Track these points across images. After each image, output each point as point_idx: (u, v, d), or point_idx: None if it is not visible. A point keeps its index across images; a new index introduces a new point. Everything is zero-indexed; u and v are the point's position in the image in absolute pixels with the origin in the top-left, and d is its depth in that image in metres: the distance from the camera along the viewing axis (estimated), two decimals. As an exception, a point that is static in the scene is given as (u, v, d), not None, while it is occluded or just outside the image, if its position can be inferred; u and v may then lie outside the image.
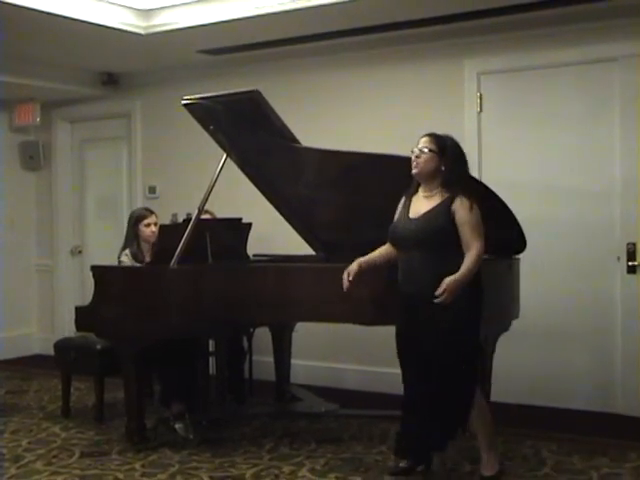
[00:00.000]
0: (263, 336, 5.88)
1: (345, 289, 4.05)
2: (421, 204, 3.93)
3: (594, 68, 5.51)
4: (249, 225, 5.57)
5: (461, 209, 3.78)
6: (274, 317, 4.95)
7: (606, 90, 5.47)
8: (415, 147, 3.93)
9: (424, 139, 3.93)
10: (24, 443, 4.99)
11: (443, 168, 3.87)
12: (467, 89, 5.92)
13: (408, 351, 3.98)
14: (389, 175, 4.63)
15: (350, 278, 4.03)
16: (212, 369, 5.49)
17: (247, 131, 4.82)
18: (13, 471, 4.46)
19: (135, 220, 5.49)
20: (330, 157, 4.78)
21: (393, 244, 4.04)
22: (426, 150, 3.88)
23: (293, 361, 5.96)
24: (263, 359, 5.99)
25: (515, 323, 4.78)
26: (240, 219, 5.56)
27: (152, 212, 5.57)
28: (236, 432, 5.12)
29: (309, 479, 4.28)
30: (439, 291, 3.69)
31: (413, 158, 3.91)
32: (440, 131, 4.04)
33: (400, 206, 4.07)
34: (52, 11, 5.38)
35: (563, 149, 5.62)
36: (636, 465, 4.40)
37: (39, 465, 4.56)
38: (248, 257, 5.61)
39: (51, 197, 8.23)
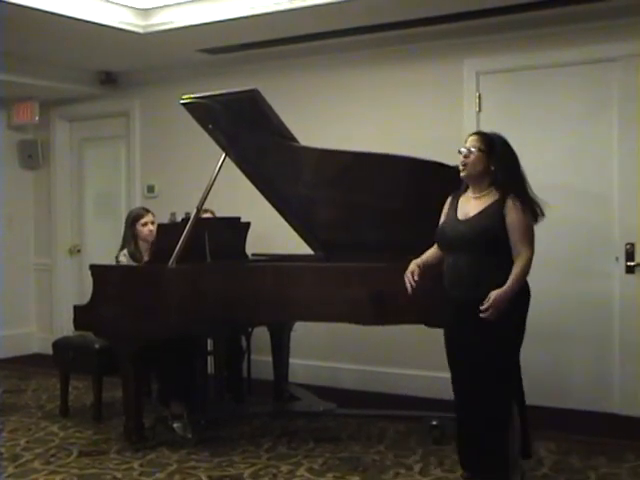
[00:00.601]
0: (261, 335, 5.88)
1: (410, 291, 3.88)
2: (470, 205, 3.76)
3: (593, 68, 5.51)
4: (248, 224, 5.57)
5: (512, 212, 3.63)
6: (273, 316, 4.95)
7: (605, 90, 5.47)
8: (463, 147, 3.78)
9: (472, 137, 3.78)
10: (22, 442, 4.99)
11: (493, 168, 3.72)
12: (466, 89, 5.92)
13: (456, 357, 3.82)
14: (388, 174, 4.64)
15: (415, 279, 3.87)
16: (210, 368, 5.49)
17: (246, 130, 4.82)
18: (11, 470, 4.45)
19: (132, 220, 5.50)
20: (329, 156, 4.78)
21: (441, 246, 3.87)
22: (474, 149, 3.73)
23: (291, 360, 5.96)
24: (261, 358, 5.99)
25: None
26: (239, 218, 5.56)
27: (149, 211, 5.58)
28: (234, 431, 5.12)
29: (307, 478, 4.28)
30: (485, 306, 3.55)
31: (461, 158, 3.75)
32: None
33: (446, 207, 3.90)
34: (51, 10, 5.38)
35: (562, 149, 5.62)
36: (634, 465, 4.40)
37: (37, 464, 4.55)
38: (247, 256, 5.60)
39: (50, 196, 8.23)
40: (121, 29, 5.87)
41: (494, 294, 3.54)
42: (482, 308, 3.55)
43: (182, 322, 4.72)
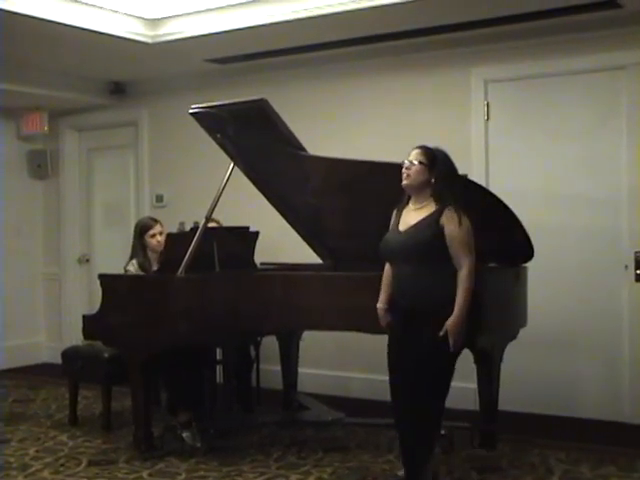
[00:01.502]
0: (270, 345, 5.88)
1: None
2: (410, 216, 3.88)
3: (601, 76, 5.51)
4: (256, 234, 5.57)
5: (449, 223, 3.72)
6: (281, 325, 4.95)
7: (613, 98, 5.47)
8: (406, 159, 3.90)
9: (415, 152, 3.90)
10: (31, 452, 4.99)
11: (433, 180, 3.83)
12: (474, 97, 5.92)
13: (394, 364, 3.96)
14: (396, 183, 4.63)
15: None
16: (219, 378, 5.50)
17: (254, 140, 4.83)
18: (21, 479, 4.46)
19: (140, 231, 5.49)
20: (338, 165, 4.79)
21: (384, 258, 4.00)
22: (416, 162, 3.84)
23: (300, 370, 5.95)
24: (270, 368, 5.98)
25: (523, 331, 4.77)
26: (247, 227, 5.57)
27: (157, 221, 5.57)
28: (243, 441, 5.12)
29: (316, 488, 4.28)
30: (450, 342, 3.65)
31: (403, 170, 3.88)
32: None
33: (392, 219, 4.03)
34: (60, 20, 5.41)
35: (570, 157, 5.61)
36: (645, 474, 4.39)
37: (46, 474, 4.56)
38: (255, 266, 5.61)
39: (59, 205, 8.25)
40: (130, 39, 5.90)
41: (448, 325, 3.66)
42: (451, 343, 3.66)
43: (191, 331, 4.72)
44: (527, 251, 4.60)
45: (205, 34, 5.80)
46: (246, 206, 6.05)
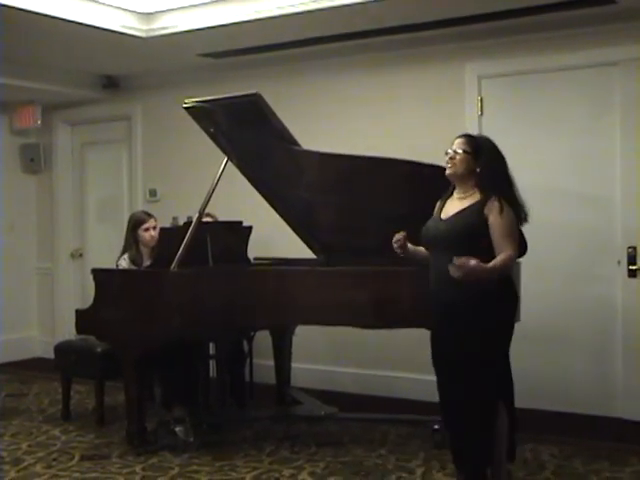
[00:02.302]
0: (263, 339, 5.88)
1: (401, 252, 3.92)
2: (454, 205, 3.81)
3: (595, 72, 5.51)
4: (250, 228, 5.58)
5: (494, 212, 3.64)
6: (274, 320, 4.94)
7: (607, 94, 5.47)
8: (449, 148, 3.82)
9: (458, 140, 3.82)
10: (24, 446, 4.99)
11: (478, 170, 3.75)
12: (468, 92, 5.92)
13: (438, 356, 3.83)
14: (389, 178, 4.64)
15: (399, 243, 3.89)
16: (212, 372, 5.49)
17: (248, 134, 4.82)
18: (13, 474, 4.45)
19: (134, 224, 5.49)
20: (330, 160, 4.78)
21: (424, 245, 3.90)
22: (460, 151, 3.76)
23: (293, 364, 5.96)
24: (263, 362, 5.98)
25: (516, 326, 4.77)
26: (241, 222, 5.57)
27: (151, 215, 5.56)
28: (236, 435, 5.12)
29: (309, 483, 4.28)
30: (457, 262, 3.46)
31: (447, 159, 3.80)
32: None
33: (436, 208, 3.94)
34: (53, 14, 5.38)
35: (564, 153, 5.62)
36: (637, 469, 4.40)
37: (39, 468, 4.56)
38: (249, 260, 5.61)
39: (52, 200, 8.24)
40: (123, 33, 5.88)
41: (473, 261, 3.46)
42: (454, 261, 3.48)
43: (184, 326, 4.72)
44: (521, 246, 4.60)
45: (199, 28, 5.78)
46: (239, 201, 6.05)
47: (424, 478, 4.29)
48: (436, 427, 4.77)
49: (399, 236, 3.90)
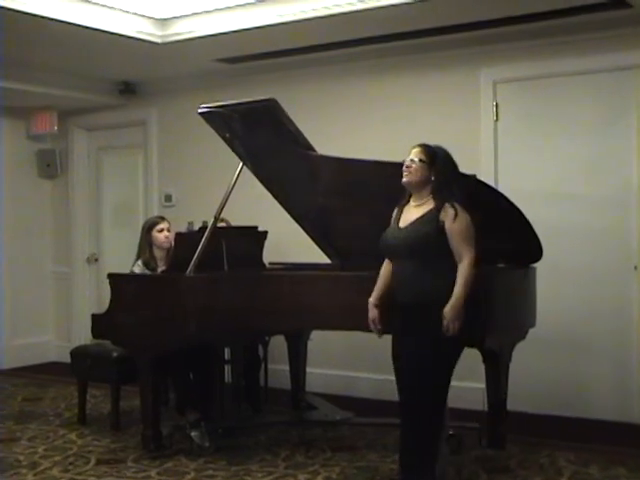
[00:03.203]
0: (278, 344, 5.88)
1: (380, 336, 4.11)
2: (411, 213, 3.91)
3: (611, 76, 5.49)
4: (265, 233, 5.59)
5: (449, 218, 3.74)
6: (289, 325, 4.94)
7: (623, 98, 5.45)
8: (407, 158, 3.92)
9: (415, 150, 3.93)
10: (40, 450, 5.01)
11: (433, 178, 3.86)
12: (483, 98, 5.91)
13: (397, 357, 3.97)
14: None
15: (377, 326, 4.06)
16: (228, 377, 5.49)
17: (263, 139, 4.83)
18: (30, 478, 4.47)
19: (148, 227, 5.53)
20: (346, 165, 4.78)
21: (384, 254, 4.03)
22: (416, 160, 3.87)
23: (308, 369, 5.95)
24: (278, 367, 5.99)
25: (532, 332, 4.76)
26: (256, 227, 5.58)
27: (164, 219, 5.61)
28: (251, 440, 5.13)
29: (325, 488, 4.28)
30: (444, 327, 3.65)
31: (404, 168, 3.91)
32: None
33: (393, 216, 4.05)
34: (69, 20, 5.42)
35: (580, 157, 5.60)
36: (654, 475, 4.37)
37: (55, 472, 4.57)
38: (264, 265, 5.62)
39: (68, 205, 8.27)
40: (139, 39, 5.91)
41: (445, 311, 3.65)
42: (443, 330, 3.65)
43: (199, 331, 4.72)
44: (536, 251, 4.59)
45: (214, 34, 5.81)
46: (255, 206, 6.06)
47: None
48: (451, 432, 4.74)
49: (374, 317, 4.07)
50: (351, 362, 6.45)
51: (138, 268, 5.42)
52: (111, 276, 5.04)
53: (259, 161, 5.05)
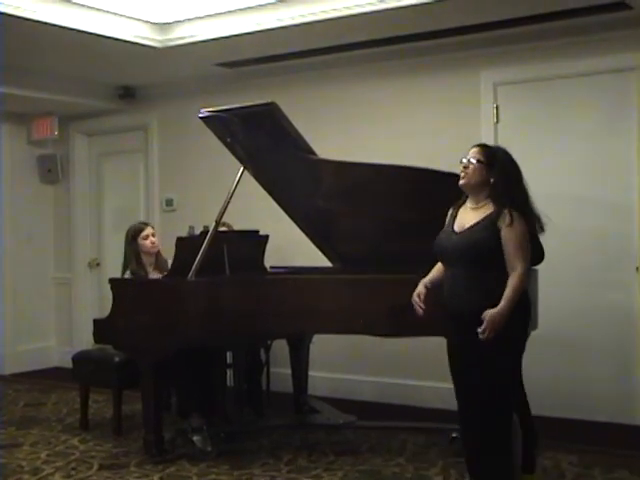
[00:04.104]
0: (281, 348, 5.88)
1: (420, 313, 3.84)
2: (467, 217, 3.74)
3: (611, 78, 5.49)
4: (266, 237, 5.59)
5: (507, 224, 3.56)
6: (291, 329, 4.94)
7: (624, 100, 5.45)
8: (464, 157, 3.77)
9: (473, 149, 3.77)
10: (43, 455, 5.01)
11: (492, 180, 3.70)
12: (484, 100, 5.91)
13: (457, 369, 3.77)
14: (404, 186, 4.63)
15: (422, 303, 3.84)
16: (230, 381, 5.50)
17: (264, 143, 4.83)
18: (32, 483, 4.48)
19: (132, 236, 5.47)
20: (346, 168, 4.78)
21: (438, 257, 3.85)
22: (474, 161, 3.69)
23: (311, 373, 5.95)
24: (281, 371, 5.99)
25: (533, 334, 4.75)
26: (257, 231, 5.58)
27: (147, 224, 5.61)
28: (254, 444, 5.12)
29: (327, 491, 4.28)
30: (482, 327, 3.48)
31: (461, 168, 3.75)
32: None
33: (448, 217, 3.89)
34: (69, 25, 5.42)
35: (581, 160, 5.60)
36: (657, 477, 4.37)
37: (58, 477, 4.57)
38: (265, 269, 5.62)
39: (69, 210, 8.28)
40: (139, 44, 5.91)
41: (489, 314, 3.49)
42: (479, 330, 3.49)
43: (201, 335, 4.73)
44: (537, 254, 4.58)
45: (214, 38, 5.81)
46: (256, 210, 6.06)
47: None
48: (454, 435, 4.75)
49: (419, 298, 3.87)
50: (354, 365, 6.45)
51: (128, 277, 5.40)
52: (112, 281, 5.05)
53: (260, 165, 5.05)
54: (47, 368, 8.15)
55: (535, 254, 4.02)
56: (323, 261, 5.58)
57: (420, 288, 3.88)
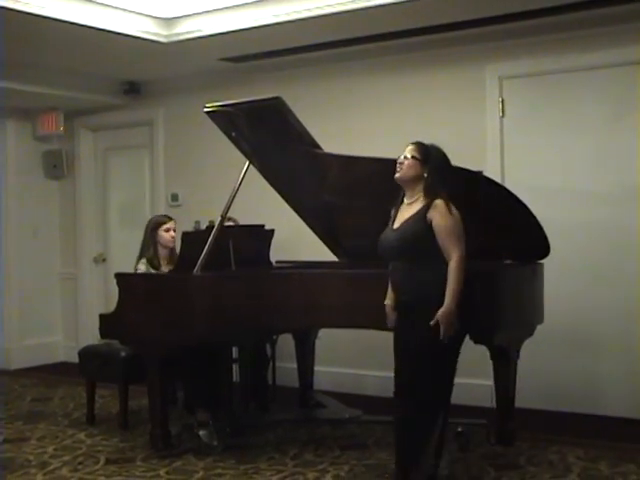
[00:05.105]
0: (286, 343, 5.88)
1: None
2: (403, 213, 3.92)
3: (617, 72, 5.47)
4: (272, 232, 5.58)
5: (436, 215, 3.73)
6: (297, 323, 4.94)
7: (629, 93, 5.43)
8: (401, 155, 3.94)
9: (409, 147, 3.95)
10: (50, 450, 5.02)
11: (425, 175, 3.86)
12: (489, 94, 5.90)
13: (397, 347, 3.96)
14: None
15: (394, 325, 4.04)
16: (236, 376, 5.50)
17: (269, 138, 4.83)
18: (40, 477, 4.48)
19: (154, 225, 5.53)
20: (352, 163, 4.79)
21: (380, 255, 4.02)
22: (409, 156, 3.89)
23: (316, 368, 5.96)
24: (286, 366, 5.99)
25: (540, 328, 4.76)
26: (263, 226, 5.57)
27: (171, 218, 5.62)
28: (260, 439, 5.12)
29: (334, 486, 4.28)
30: (442, 334, 3.65)
31: (397, 165, 3.93)
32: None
33: (390, 218, 4.04)
34: (74, 21, 5.42)
35: (586, 153, 5.58)
36: (664, 471, 4.36)
37: (65, 471, 4.58)
38: (271, 264, 5.62)
39: (74, 205, 8.29)
40: (144, 39, 5.91)
41: (439, 315, 3.66)
42: (441, 335, 3.65)
43: (207, 330, 4.73)
44: (543, 248, 4.58)
45: (219, 33, 5.81)
46: (261, 204, 6.06)
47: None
48: (460, 429, 4.74)
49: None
50: (359, 360, 6.45)
51: (143, 265, 5.44)
52: (119, 276, 5.04)
53: (265, 159, 5.05)
54: (53, 363, 8.18)
55: (534, 245, 4.08)
56: (329, 256, 5.58)
57: (391, 316, 4.07)
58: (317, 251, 5.59)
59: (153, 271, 5.40)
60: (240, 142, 4.98)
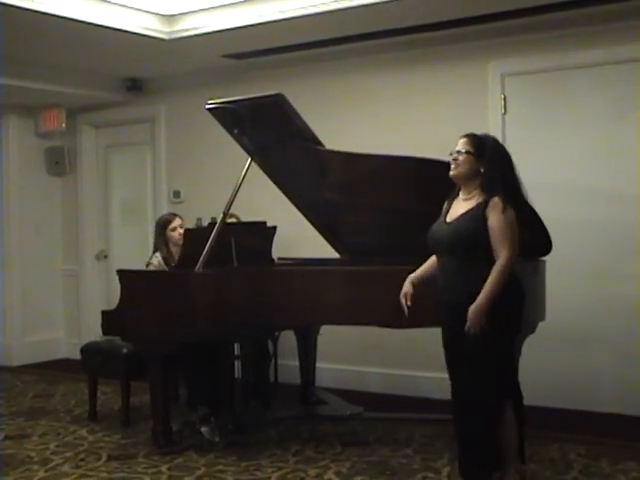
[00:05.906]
0: (288, 339, 5.88)
1: (406, 313, 3.90)
2: (459, 207, 3.75)
3: (619, 68, 5.47)
4: (274, 228, 5.59)
5: (492, 213, 3.58)
6: (299, 320, 4.95)
7: (631, 90, 5.42)
8: (454, 149, 3.78)
9: (462, 140, 3.76)
10: (52, 446, 5.03)
11: (482, 170, 3.70)
12: (491, 91, 5.90)
13: (452, 357, 3.81)
14: (413, 177, 4.63)
15: (408, 302, 3.89)
16: (238, 372, 5.50)
17: (271, 134, 4.83)
18: (41, 474, 4.49)
19: (162, 226, 5.56)
20: (354, 160, 4.78)
21: (431, 249, 3.87)
22: (463, 151, 3.71)
23: (318, 364, 5.96)
24: (288, 362, 5.99)
25: (541, 325, 4.75)
26: (265, 222, 5.58)
27: (177, 215, 5.63)
28: (262, 435, 5.13)
29: (335, 482, 4.28)
30: (467, 326, 3.55)
31: (451, 160, 3.76)
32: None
33: (443, 210, 3.89)
34: (76, 17, 5.42)
35: (588, 150, 5.58)
36: (665, 469, 4.36)
37: (67, 468, 4.59)
38: (273, 260, 5.62)
39: (77, 202, 8.29)
40: (146, 36, 5.91)
41: (470, 310, 3.54)
42: (466, 328, 3.55)
43: (209, 326, 4.73)
44: (545, 244, 4.57)
45: (221, 30, 5.81)
46: (263, 201, 6.06)
47: (450, 478, 4.27)
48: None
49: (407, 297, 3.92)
50: (361, 357, 6.45)
51: (157, 260, 5.46)
52: (121, 272, 5.05)
53: (267, 156, 5.05)
54: (55, 359, 8.19)
55: (537, 243, 4.02)
56: (331, 253, 5.58)
57: (407, 288, 3.92)
58: (320, 248, 5.59)
59: (165, 267, 5.41)
60: (242, 139, 4.98)
